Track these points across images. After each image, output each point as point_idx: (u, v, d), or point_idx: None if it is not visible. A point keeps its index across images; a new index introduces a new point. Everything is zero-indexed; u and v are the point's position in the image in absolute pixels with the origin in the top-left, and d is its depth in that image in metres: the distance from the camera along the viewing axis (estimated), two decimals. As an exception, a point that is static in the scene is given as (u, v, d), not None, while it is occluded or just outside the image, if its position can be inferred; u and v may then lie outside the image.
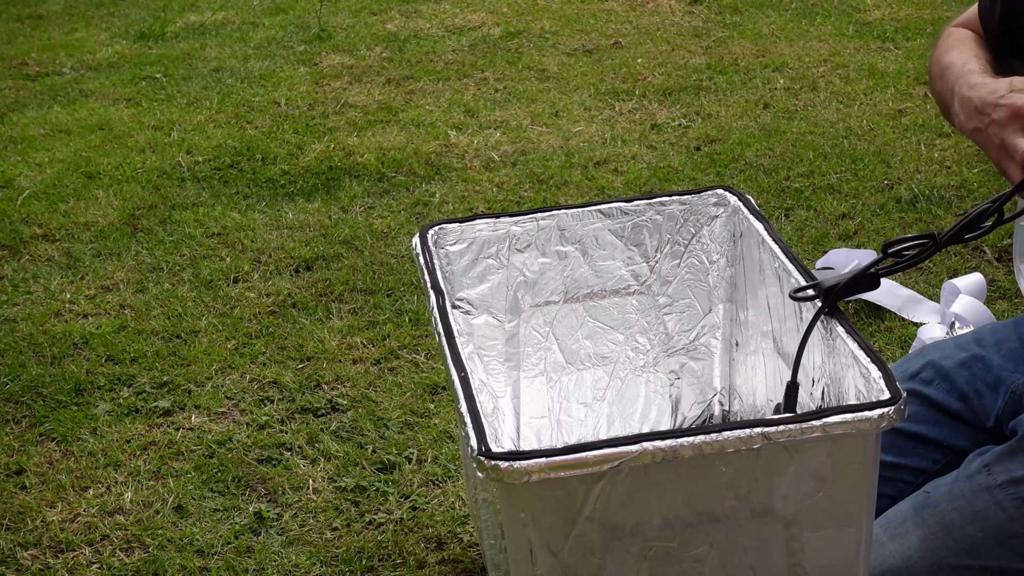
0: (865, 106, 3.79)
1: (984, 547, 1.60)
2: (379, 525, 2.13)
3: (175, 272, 3.00)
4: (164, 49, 4.76)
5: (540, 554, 1.38)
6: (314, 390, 2.51)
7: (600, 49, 4.46)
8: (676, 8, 4.87)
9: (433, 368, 2.55)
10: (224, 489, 2.24)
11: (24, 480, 2.28)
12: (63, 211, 3.34)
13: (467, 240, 1.87)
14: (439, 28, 4.82)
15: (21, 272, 3.04)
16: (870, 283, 1.38)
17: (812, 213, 3.10)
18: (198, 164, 3.62)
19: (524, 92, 4.09)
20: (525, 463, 1.29)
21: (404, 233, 3.13)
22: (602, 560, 1.40)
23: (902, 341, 2.57)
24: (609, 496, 1.35)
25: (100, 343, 2.70)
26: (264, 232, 3.18)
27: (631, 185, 3.34)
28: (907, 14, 4.61)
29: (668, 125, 3.74)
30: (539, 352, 1.95)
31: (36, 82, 4.45)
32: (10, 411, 2.49)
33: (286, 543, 2.10)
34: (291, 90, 4.21)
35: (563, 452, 1.30)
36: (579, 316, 1.94)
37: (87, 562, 2.08)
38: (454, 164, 3.54)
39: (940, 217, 3.06)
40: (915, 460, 1.75)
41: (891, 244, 1.37)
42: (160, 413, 2.47)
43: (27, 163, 3.69)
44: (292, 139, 3.77)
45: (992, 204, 1.29)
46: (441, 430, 2.36)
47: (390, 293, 2.85)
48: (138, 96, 4.23)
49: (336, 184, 3.45)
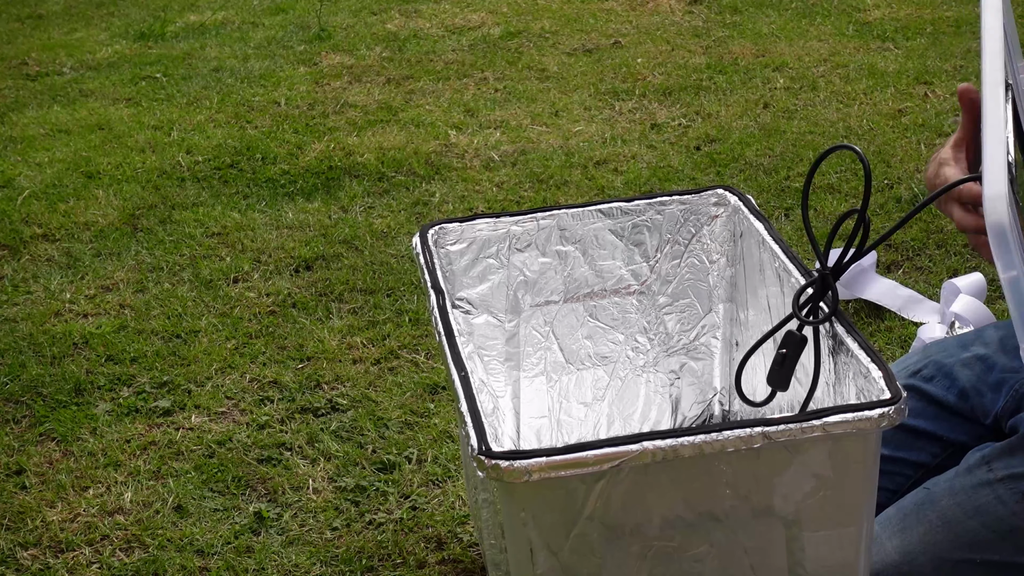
0: (865, 106, 3.79)
1: (985, 541, 1.61)
2: (379, 525, 2.13)
3: (175, 272, 3.00)
4: (164, 49, 4.76)
5: (540, 554, 1.38)
6: (314, 390, 2.51)
7: (600, 49, 4.46)
8: (676, 8, 4.87)
9: (433, 368, 2.55)
10: (224, 489, 2.24)
11: (24, 480, 2.28)
12: (63, 211, 3.34)
13: (467, 240, 1.87)
14: (439, 28, 4.82)
15: (21, 272, 3.04)
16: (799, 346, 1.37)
17: (812, 213, 3.09)
18: (198, 164, 3.61)
19: (524, 92, 4.09)
20: (525, 462, 1.29)
21: (404, 233, 3.13)
22: (602, 560, 1.40)
23: (902, 341, 2.57)
24: (609, 496, 1.35)
25: (100, 343, 2.69)
26: (264, 232, 3.18)
27: (631, 185, 3.34)
28: (907, 14, 4.61)
29: (668, 125, 3.74)
30: (539, 352, 1.95)
31: (36, 82, 4.45)
32: (10, 411, 2.49)
33: (286, 543, 2.10)
34: (291, 90, 4.21)
35: (563, 451, 1.30)
36: (579, 316, 1.94)
37: (87, 562, 2.08)
38: (454, 164, 3.54)
39: (940, 216, 3.06)
40: (914, 454, 1.76)
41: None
42: (160, 413, 2.46)
43: (27, 163, 3.69)
44: (292, 139, 3.77)
45: None
46: (441, 430, 2.36)
47: (390, 293, 2.85)
48: (138, 96, 4.23)
49: (336, 184, 3.45)
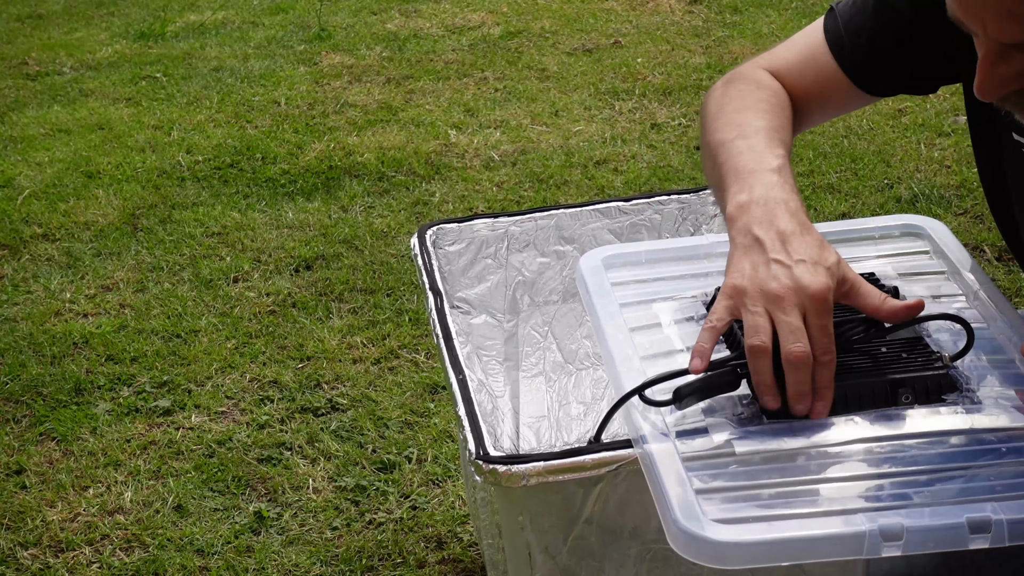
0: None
1: None
2: (379, 525, 2.13)
3: (175, 272, 3.00)
4: (164, 49, 4.76)
5: (539, 557, 1.38)
6: (314, 390, 2.51)
7: (600, 48, 4.46)
8: (676, 7, 4.87)
9: (433, 368, 2.55)
10: (224, 489, 2.24)
11: (24, 480, 2.29)
12: (63, 211, 3.35)
13: (466, 240, 1.87)
14: (439, 28, 4.82)
15: (21, 272, 3.04)
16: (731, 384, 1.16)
17: (812, 213, 3.10)
18: (198, 164, 3.62)
19: (524, 92, 4.09)
20: (523, 467, 1.29)
21: (404, 232, 3.13)
22: (600, 563, 1.40)
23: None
24: (607, 499, 1.35)
25: (100, 343, 2.70)
26: (264, 231, 3.18)
27: (631, 184, 3.34)
28: (907, 13, 4.61)
29: (668, 124, 3.74)
30: (538, 352, 1.95)
31: (36, 82, 4.45)
32: (10, 411, 2.49)
33: (286, 543, 2.10)
34: (291, 90, 4.21)
35: (561, 456, 1.30)
36: (578, 316, 1.94)
37: (87, 561, 2.08)
38: (454, 164, 3.54)
39: (940, 216, 3.06)
40: None
41: None
42: (160, 413, 2.47)
43: (27, 163, 3.69)
44: (292, 139, 3.77)
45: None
46: (441, 429, 2.36)
47: (390, 292, 2.85)
48: (138, 96, 4.23)
49: (336, 184, 3.45)
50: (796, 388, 1.11)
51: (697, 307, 1.31)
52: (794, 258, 1.13)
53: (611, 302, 1.32)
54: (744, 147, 1.26)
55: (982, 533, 1.00)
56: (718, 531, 1.00)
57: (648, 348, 1.24)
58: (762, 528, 1.01)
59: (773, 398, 1.12)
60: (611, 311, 1.30)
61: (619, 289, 1.35)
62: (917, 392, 1.14)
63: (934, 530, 1.00)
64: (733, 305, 1.13)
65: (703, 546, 1.00)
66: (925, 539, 1.00)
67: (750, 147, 1.25)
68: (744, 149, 1.25)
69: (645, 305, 1.32)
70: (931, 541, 1.00)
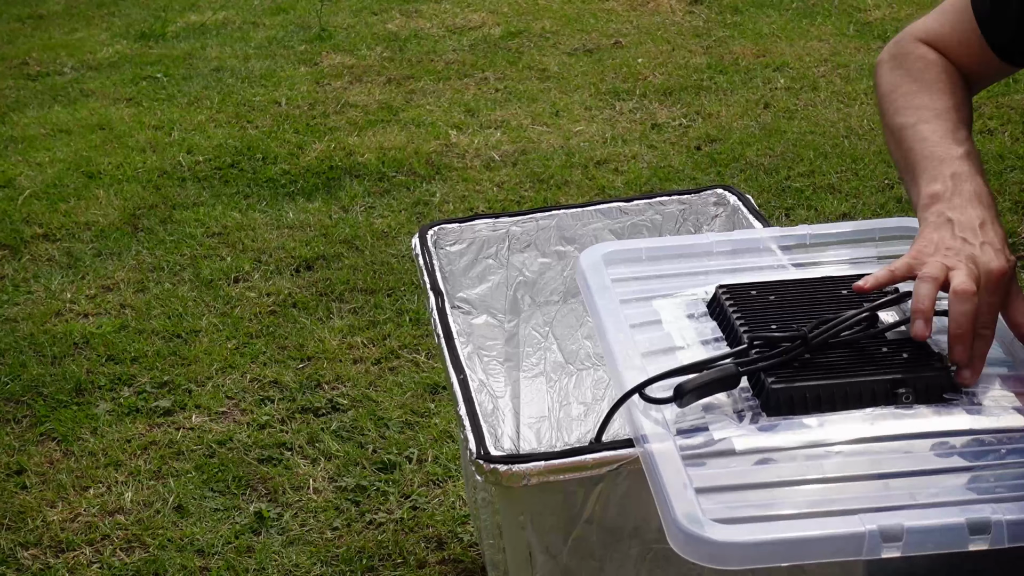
0: (866, 106, 3.79)
1: None
2: (379, 525, 2.13)
3: (175, 272, 3.00)
4: (165, 49, 4.76)
5: (539, 557, 1.38)
6: (314, 390, 2.51)
7: (600, 49, 4.46)
8: (676, 8, 4.87)
9: (433, 368, 2.55)
10: (224, 489, 2.24)
11: (24, 480, 2.29)
12: (63, 211, 3.35)
13: (467, 240, 1.87)
14: (439, 28, 4.82)
15: (22, 272, 3.04)
16: (732, 381, 1.16)
17: (813, 213, 3.10)
18: (199, 164, 3.62)
19: (524, 92, 4.09)
20: (524, 467, 1.29)
21: (404, 233, 3.13)
22: (601, 563, 1.40)
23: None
24: (608, 499, 1.35)
25: (100, 343, 2.70)
26: (264, 232, 3.18)
27: (631, 185, 3.34)
28: (907, 14, 4.61)
29: (668, 125, 3.74)
30: (539, 352, 1.95)
31: (36, 82, 4.46)
32: (10, 411, 2.49)
33: (286, 543, 2.10)
34: (292, 90, 4.21)
35: (561, 455, 1.30)
36: (579, 316, 1.94)
37: (87, 562, 2.08)
38: (454, 164, 3.54)
39: (940, 217, 3.06)
40: None
41: (758, 337, 1.18)
42: (160, 413, 2.47)
43: (28, 163, 3.69)
44: (293, 139, 3.77)
45: (867, 312, 1.22)
46: (441, 430, 2.36)
47: (390, 293, 2.85)
48: (139, 96, 4.24)
49: (336, 184, 3.45)
50: (958, 323, 1.12)
51: (697, 304, 1.31)
52: (980, 240, 1.18)
53: (611, 298, 1.32)
54: (928, 132, 1.30)
55: (982, 534, 1.00)
56: (718, 531, 1.00)
57: (648, 345, 1.25)
58: (762, 528, 1.01)
59: (926, 324, 1.13)
60: (611, 307, 1.30)
61: (619, 285, 1.35)
62: (918, 392, 1.14)
63: (934, 531, 1.00)
64: (915, 262, 1.17)
65: (703, 546, 1.00)
66: (925, 540, 1.00)
67: (934, 131, 1.30)
68: (928, 134, 1.30)
69: (645, 302, 1.33)
70: (931, 542, 1.01)
